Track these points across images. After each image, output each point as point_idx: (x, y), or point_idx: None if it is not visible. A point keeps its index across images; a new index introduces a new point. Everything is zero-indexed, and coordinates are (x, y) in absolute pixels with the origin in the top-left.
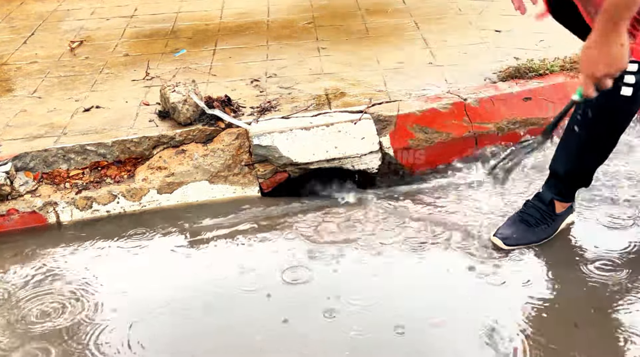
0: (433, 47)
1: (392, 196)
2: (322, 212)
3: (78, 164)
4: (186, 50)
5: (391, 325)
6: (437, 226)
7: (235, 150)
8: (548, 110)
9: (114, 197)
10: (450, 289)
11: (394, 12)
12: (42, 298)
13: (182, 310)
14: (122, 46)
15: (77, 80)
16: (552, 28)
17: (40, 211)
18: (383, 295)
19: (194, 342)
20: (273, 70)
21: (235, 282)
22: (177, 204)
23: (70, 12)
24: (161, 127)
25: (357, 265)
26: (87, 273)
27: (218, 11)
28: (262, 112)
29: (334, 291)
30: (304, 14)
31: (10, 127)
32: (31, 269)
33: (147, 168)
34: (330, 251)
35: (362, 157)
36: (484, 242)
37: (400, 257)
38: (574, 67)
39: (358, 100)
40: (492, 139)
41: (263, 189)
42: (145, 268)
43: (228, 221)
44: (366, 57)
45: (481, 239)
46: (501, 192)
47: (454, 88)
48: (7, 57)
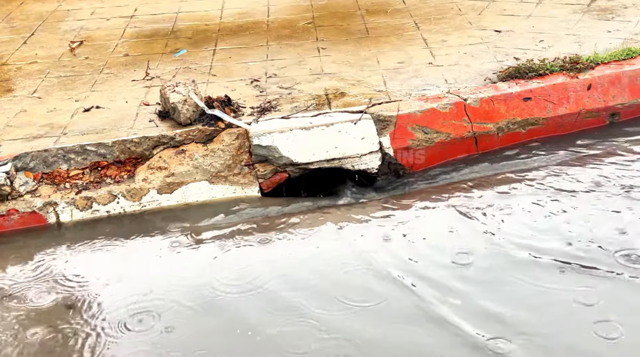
0: (433, 47)
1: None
2: (322, 212)
3: (78, 164)
4: (186, 51)
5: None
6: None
7: (235, 150)
8: (548, 110)
9: (114, 198)
10: None
11: (394, 12)
12: (42, 298)
13: (183, 310)
14: (122, 46)
15: (77, 80)
16: (552, 28)
17: (40, 211)
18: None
19: (194, 343)
20: (273, 70)
21: (235, 282)
22: (177, 204)
23: (70, 12)
24: (161, 127)
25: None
26: (87, 273)
27: (218, 11)
28: (262, 112)
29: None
30: (304, 14)
31: (10, 127)
32: (31, 269)
33: (147, 168)
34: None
35: (362, 157)
36: None
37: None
38: (574, 67)
39: (358, 100)
40: (492, 139)
41: (263, 189)
42: (145, 268)
43: (228, 221)
44: (366, 57)
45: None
46: None
47: (454, 88)
48: (7, 57)
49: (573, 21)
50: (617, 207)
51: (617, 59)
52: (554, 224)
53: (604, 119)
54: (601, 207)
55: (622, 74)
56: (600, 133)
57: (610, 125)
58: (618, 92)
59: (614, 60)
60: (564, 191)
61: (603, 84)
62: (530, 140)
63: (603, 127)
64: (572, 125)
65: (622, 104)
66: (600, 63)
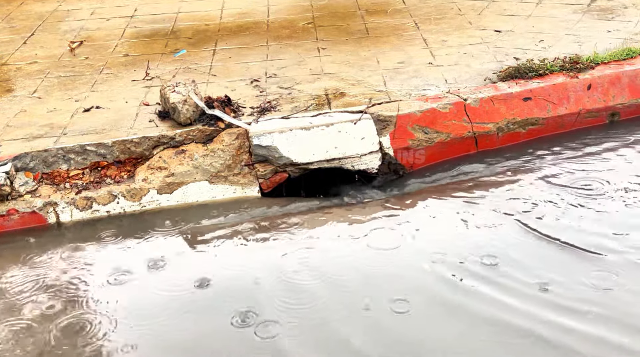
0: (433, 47)
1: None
2: (323, 213)
3: (78, 164)
4: (186, 51)
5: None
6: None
7: (235, 150)
8: (548, 110)
9: (114, 198)
10: None
11: (394, 12)
12: (42, 298)
13: (182, 310)
14: (122, 46)
15: (77, 80)
16: (552, 28)
17: (40, 211)
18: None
19: (193, 342)
20: (273, 70)
21: (234, 281)
22: (177, 205)
23: (70, 13)
24: (161, 128)
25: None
26: (86, 273)
27: (218, 11)
28: (262, 112)
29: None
30: (304, 14)
31: (10, 127)
32: (31, 269)
33: (147, 168)
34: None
35: (362, 157)
36: None
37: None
38: (574, 67)
39: (358, 100)
40: (492, 139)
41: (263, 189)
42: (145, 268)
43: (228, 221)
44: (366, 57)
45: None
46: None
47: (454, 88)
48: (7, 57)
49: (573, 21)
50: (617, 206)
51: (617, 59)
52: (553, 223)
53: (604, 118)
54: (601, 206)
55: (622, 74)
56: (600, 133)
57: (610, 125)
58: (618, 92)
59: (614, 60)
60: (563, 191)
61: (603, 84)
62: (530, 140)
63: (603, 127)
64: (572, 125)
65: (622, 104)
66: (600, 63)
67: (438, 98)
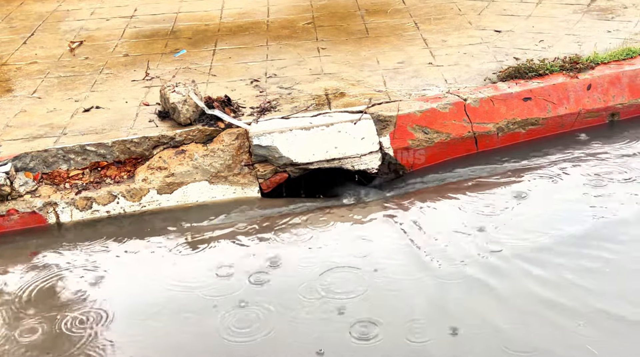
0: (433, 47)
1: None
2: (323, 213)
3: (78, 165)
4: (186, 51)
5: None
6: None
7: (235, 150)
8: (548, 110)
9: (114, 198)
10: None
11: (394, 12)
12: (42, 298)
13: (182, 310)
14: (122, 46)
15: (77, 80)
16: (552, 28)
17: (40, 211)
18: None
19: (193, 342)
20: (273, 70)
21: (234, 282)
22: (177, 205)
23: (70, 13)
24: (161, 128)
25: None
26: (86, 273)
27: (218, 11)
28: (262, 112)
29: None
30: (303, 14)
31: (10, 127)
32: (31, 269)
33: (147, 168)
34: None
35: (362, 157)
36: None
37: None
38: (574, 67)
39: (358, 100)
40: (491, 139)
41: (263, 189)
42: (145, 269)
43: (228, 222)
44: (366, 57)
45: None
46: None
47: (453, 88)
48: (7, 57)
49: (573, 21)
50: (617, 206)
51: (617, 59)
52: (552, 222)
53: (604, 118)
54: (601, 206)
55: (622, 74)
56: (600, 133)
57: (610, 125)
58: (618, 92)
59: (614, 60)
60: (563, 190)
61: (603, 84)
62: (530, 140)
63: (603, 127)
64: (572, 125)
65: (622, 104)
66: (600, 63)
67: (438, 98)
